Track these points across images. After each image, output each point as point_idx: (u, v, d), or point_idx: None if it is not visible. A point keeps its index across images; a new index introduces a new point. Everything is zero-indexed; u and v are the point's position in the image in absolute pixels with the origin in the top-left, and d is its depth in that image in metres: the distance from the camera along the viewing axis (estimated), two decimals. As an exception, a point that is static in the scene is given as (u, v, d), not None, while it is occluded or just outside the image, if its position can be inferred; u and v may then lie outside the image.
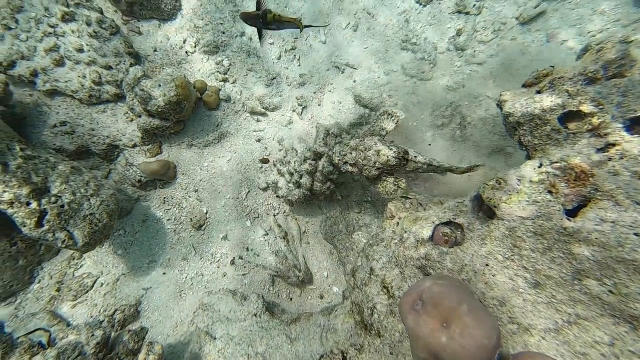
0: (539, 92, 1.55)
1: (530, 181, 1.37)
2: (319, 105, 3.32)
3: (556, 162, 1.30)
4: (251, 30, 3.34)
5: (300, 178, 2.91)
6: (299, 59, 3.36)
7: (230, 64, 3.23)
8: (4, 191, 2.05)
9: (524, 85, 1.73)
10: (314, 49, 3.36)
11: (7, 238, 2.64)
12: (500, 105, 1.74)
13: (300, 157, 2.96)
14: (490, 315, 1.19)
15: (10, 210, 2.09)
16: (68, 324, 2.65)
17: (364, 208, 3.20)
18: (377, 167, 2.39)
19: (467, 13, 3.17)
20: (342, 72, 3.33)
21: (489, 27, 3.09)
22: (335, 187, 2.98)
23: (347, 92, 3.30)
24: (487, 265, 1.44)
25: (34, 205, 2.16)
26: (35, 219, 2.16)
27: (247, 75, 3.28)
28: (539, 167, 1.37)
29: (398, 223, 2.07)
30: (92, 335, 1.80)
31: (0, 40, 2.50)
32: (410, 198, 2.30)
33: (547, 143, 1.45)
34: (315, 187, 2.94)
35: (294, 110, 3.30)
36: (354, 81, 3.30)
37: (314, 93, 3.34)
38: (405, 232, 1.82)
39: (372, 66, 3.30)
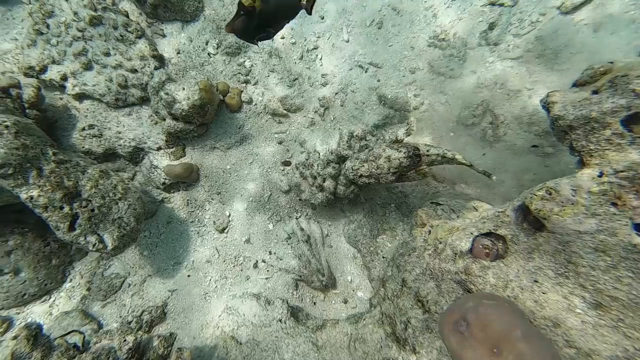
0: (595, 92, 1.41)
1: (589, 192, 1.25)
2: (342, 106, 3.24)
3: (622, 171, 1.18)
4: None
5: (324, 182, 2.85)
6: (321, 59, 3.28)
7: (252, 66, 3.20)
8: (39, 195, 2.09)
9: (575, 85, 1.59)
10: (336, 48, 3.28)
11: (41, 239, 2.73)
12: (547, 106, 1.61)
13: (324, 160, 2.89)
14: (549, 342, 1.09)
15: (45, 214, 2.14)
16: (99, 324, 2.72)
17: (389, 211, 3.10)
18: (392, 172, 2.35)
19: (501, 5, 2.99)
20: (366, 72, 3.23)
21: (526, 18, 2.89)
22: (360, 190, 2.90)
23: (371, 92, 3.20)
24: (535, 281, 1.34)
25: (66, 209, 2.21)
26: (68, 222, 2.20)
27: (268, 76, 3.23)
28: (599, 176, 1.25)
29: (430, 231, 1.97)
30: (125, 340, 1.82)
31: (33, 45, 2.55)
32: (441, 204, 2.19)
33: (606, 149, 1.32)
34: (339, 190, 2.87)
35: (316, 112, 3.24)
36: (378, 80, 3.19)
37: (336, 94, 3.25)
38: (440, 242, 1.73)
39: (397, 64, 3.18)
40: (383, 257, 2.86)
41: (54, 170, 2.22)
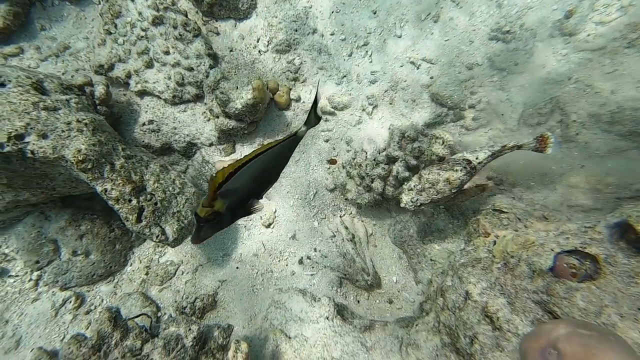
0: None
1: None
2: (391, 104, 3.15)
3: None
4: (322, 27, 3.24)
5: (372, 182, 2.82)
6: (371, 55, 3.19)
7: (301, 63, 3.18)
8: (112, 189, 2.25)
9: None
10: (387, 44, 3.17)
11: (107, 225, 2.95)
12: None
13: (372, 160, 2.85)
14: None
15: (116, 206, 2.31)
16: (157, 307, 2.93)
17: (437, 212, 3.02)
18: (453, 191, 2.31)
19: (582, -11, 2.70)
20: (418, 68, 3.11)
21: (614, 3, 2.58)
22: (410, 191, 2.84)
23: (423, 89, 3.08)
24: None
25: (134, 202, 2.36)
26: (136, 214, 2.36)
27: (317, 74, 3.21)
28: None
29: (495, 242, 1.89)
30: (189, 329, 1.94)
31: (103, 45, 2.70)
32: (506, 212, 2.09)
33: None
34: (387, 191, 2.83)
35: (363, 110, 3.18)
36: (431, 77, 3.06)
37: (386, 91, 3.17)
38: (512, 257, 1.65)
39: (452, 60, 3.02)
40: (431, 260, 2.80)
41: (123, 165, 2.37)
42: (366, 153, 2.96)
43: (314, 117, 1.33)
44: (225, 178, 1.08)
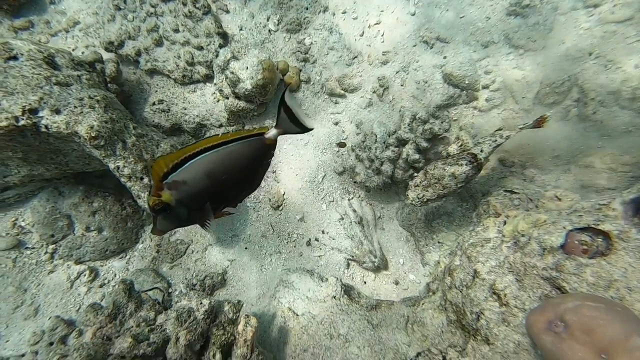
0: None
1: None
2: (402, 85, 3.10)
3: None
4: (334, 5, 3.16)
5: (382, 165, 2.80)
6: (382, 35, 3.12)
7: (311, 43, 3.13)
8: (124, 166, 2.28)
9: None
10: (400, 23, 3.09)
11: (119, 203, 3.01)
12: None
13: (382, 143, 2.83)
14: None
15: (128, 184, 2.34)
16: (168, 283, 3.01)
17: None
18: (459, 185, 2.34)
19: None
20: (431, 48, 3.03)
21: None
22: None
23: (435, 69, 3.01)
24: (645, 285, 1.23)
25: (146, 180, 2.39)
26: (148, 192, 2.40)
27: (327, 54, 3.15)
28: None
29: (505, 222, 1.88)
30: (201, 303, 1.99)
31: (112, 21, 2.69)
32: (517, 192, 2.07)
33: None
34: (397, 174, 2.82)
35: (374, 92, 3.13)
36: (444, 57, 2.98)
37: (397, 72, 3.11)
38: (523, 235, 1.65)
39: (467, 38, 2.93)
40: (439, 242, 2.81)
41: (135, 143, 2.39)
42: (376, 136, 2.93)
43: (288, 121, 1.12)
44: (171, 168, 1.00)
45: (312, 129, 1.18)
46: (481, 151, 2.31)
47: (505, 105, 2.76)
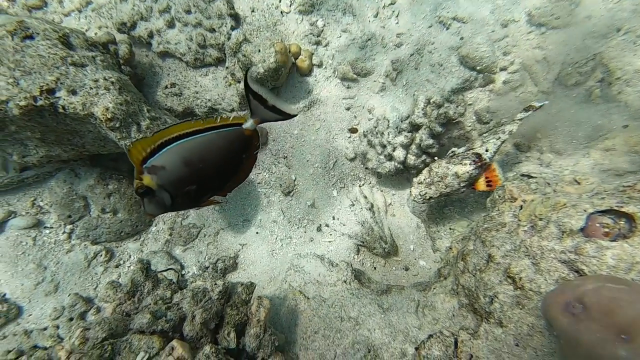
0: None
1: None
2: (416, 69, 3.03)
3: None
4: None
5: (394, 151, 2.77)
6: (397, 16, 3.04)
7: (324, 25, 3.06)
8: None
9: None
10: (416, 2, 3.00)
11: (133, 186, 3.06)
12: None
13: (395, 128, 2.79)
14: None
15: (143, 166, 2.37)
16: (181, 265, 3.07)
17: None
18: (462, 185, 2.38)
19: None
20: (447, 29, 2.94)
21: None
22: (432, 160, 2.79)
23: (451, 51, 2.93)
24: (667, 268, 1.21)
25: (160, 162, 2.41)
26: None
27: (340, 37, 3.09)
28: None
29: (522, 206, 1.85)
30: (215, 284, 2.02)
31: (125, 1, 2.67)
32: (534, 177, 2.03)
33: None
34: (409, 160, 2.79)
35: (387, 76, 3.07)
36: (461, 38, 2.89)
37: (411, 55, 3.03)
38: (541, 219, 1.62)
39: (486, 18, 2.83)
40: (450, 229, 2.80)
41: (149, 126, 2.41)
42: (388, 121, 2.89)
43: (262, 108, 1.10)
44: (150, 153, 1.00)
45: (294, 115, 1.16)
46: (486, 151, 2.32)
47: (524, 88, 2.68)
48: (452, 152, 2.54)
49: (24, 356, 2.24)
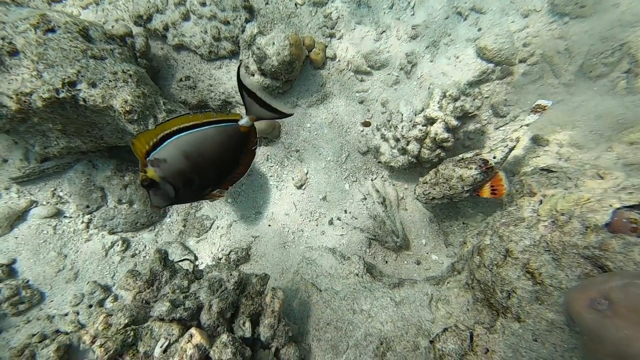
0: None
1: None
2: (431, 61, 2.98)
3: None
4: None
5: (407, 145, 2.75)
6: (413, 7, 2.98)
7: (338, 17, 3.03)
8: (156, 140, 2.33)
9: None
10: (433, -6, 2.94)
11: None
12: None
13: (408, 121, 2.76)
14: None
15: (159, 157, 2.40)
16: (195, 256, 3.12)
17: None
18: (466, 190, 2.40)
19: None
20: (465, 20, 2.87)
21: None
22: (446, 153, 2.75)
23: (468, 43, 2.87)
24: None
25: (176, 154, 2.44)
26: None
27: (354, 29, 3.05)
28: None
29: (542, 201, 1.82)
30: (231, 274, 2.06)
31: (140, -6, 2.69)
32: (554, 171, 1.99)
33: None
34: (423, 154, 2.76)
35: (401, 69, 3.03)
36: (479, 30, 2.82)
37: (427, 47, 2.98)
38: (563, 214, 1.59)
39: (506, 8, 2.75)
40: (464, 223, 2.77)
41: (165, 119, 2.43)
42: (402, 114, 2.86)
43: (258, 106, 1.10)
44: (152, 146, 1.02)
45: (290, 114, 1.17)
46: (494, 157, 2.34)
47: (543, 80, 2.61)
48: (461, 157, 2.55)
49: (47, 339, 2.33)
